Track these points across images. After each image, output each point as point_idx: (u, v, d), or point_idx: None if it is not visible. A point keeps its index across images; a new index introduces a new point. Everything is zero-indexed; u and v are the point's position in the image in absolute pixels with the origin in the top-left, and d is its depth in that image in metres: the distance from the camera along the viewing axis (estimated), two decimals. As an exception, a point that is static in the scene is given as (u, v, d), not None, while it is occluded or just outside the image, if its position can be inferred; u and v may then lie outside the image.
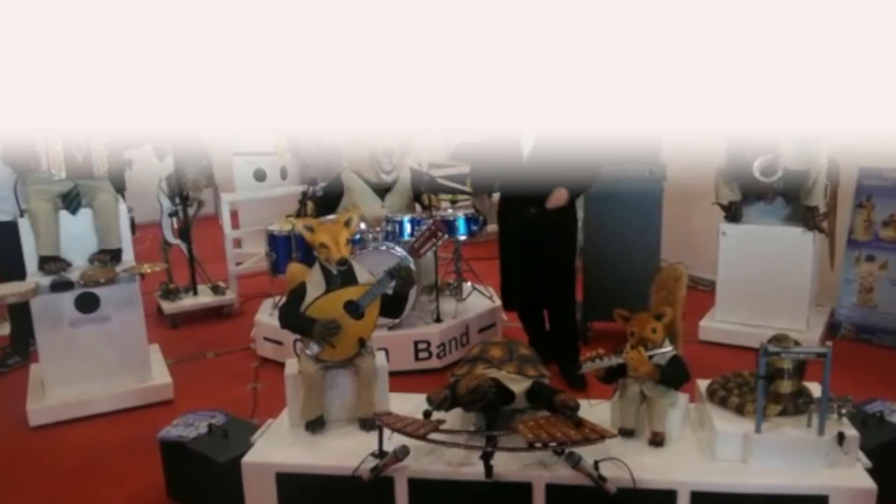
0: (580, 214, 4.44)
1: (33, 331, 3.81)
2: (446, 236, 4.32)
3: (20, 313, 4.47)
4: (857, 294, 4.63)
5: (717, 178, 4.50)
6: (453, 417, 2.66)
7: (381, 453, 2.42)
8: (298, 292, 2.77)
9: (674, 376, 2.57)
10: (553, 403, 2.53)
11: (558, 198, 3.80)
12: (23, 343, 4.59)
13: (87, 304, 3.81)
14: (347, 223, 2.79)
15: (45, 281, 3.67)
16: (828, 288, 4.76)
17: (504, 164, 3.90)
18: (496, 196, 4.17)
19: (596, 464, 2.31)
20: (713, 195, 4.56)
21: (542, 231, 3.86)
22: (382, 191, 4.54)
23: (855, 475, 2.35)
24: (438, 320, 4.37)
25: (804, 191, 4.26)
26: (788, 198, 4.38)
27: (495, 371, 2.62)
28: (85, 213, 3.85)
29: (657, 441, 2.53)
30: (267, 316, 4.59)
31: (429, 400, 2.57)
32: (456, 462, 2.45)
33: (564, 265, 3.98)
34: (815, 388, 2.56)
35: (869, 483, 2.32)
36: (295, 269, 2.99)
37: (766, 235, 4.41)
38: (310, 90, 5.69)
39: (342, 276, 2.76)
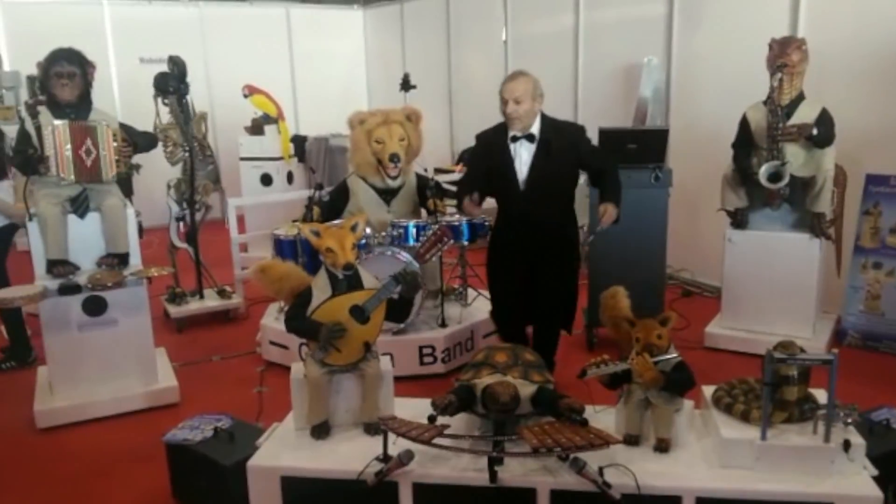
0: (585, 220, 4.44)
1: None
2: (451, 241, 4.34)
3: (12, 319, 4.52)
4: (864, 301, 4.61)
5: (723, 184, 4.49)
6: (458, 422, 2.66)
7: (385, 458, 2.43)
8: (304, 296, 2.78)
9: (679, 382, 2.56)
10: (558, 408, 2.53)
11: (609, 216, 3.53)
12: (19, 348, 4.61)
13: (95, 307, 3.84)
14: (353, 228, 2.80)
15: (53, 284, 3.69)
16: (834, 295, 4.74)
17: (499, 187, 3.65)
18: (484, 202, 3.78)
19: (601, 470, 2.31)
20: (719, 201, 4.56)
21: (541, 258, 3.62)
22: (388, 196, 4.55)
23: (861, 483, 2.34)
24: (443, 325, 4.38)
25: (811, 197, 4.26)
26: (795, 204, 4.37)
27: (500, 376, 2.62)
28: (93, 217, 3.87)
29: (662, 447, 2.53)
30: (273, 320, 4.60)
31: (433, 405, 2.57)
32: (460, 467, 2.45)
33: (565, 293, 3.77)
34: (821, 395, 2.56)
35: (875, 491, 2.31)
36: (272, 268, 2.96)
37: (772, 242, 4.40)
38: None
39: (348, 281, 2.77)
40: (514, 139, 3.55)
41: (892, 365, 4.35)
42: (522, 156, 3.56)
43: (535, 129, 3.55)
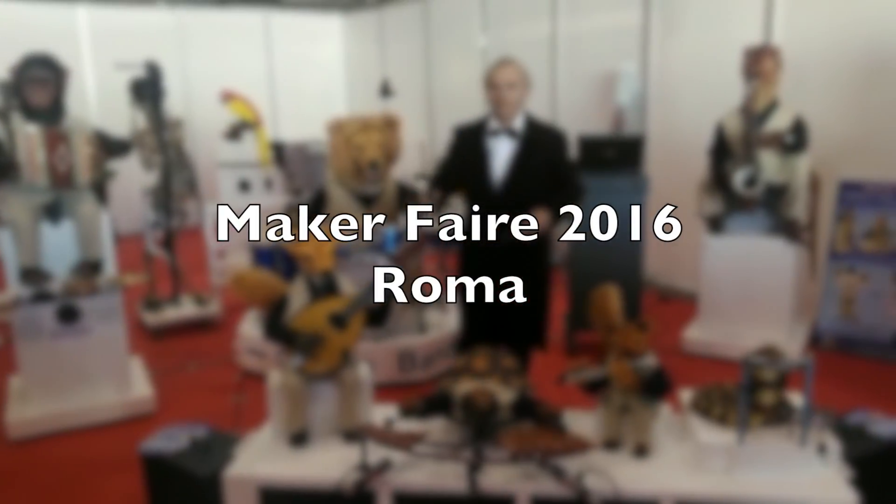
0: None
1: None
2: (431, 247, 4.34)
3: None
4: (838, 305, 4.67)
5: (700, 190, 4.54)
6: (437, 430, 2.65)
7: (364, 466, 2.41)
8: (282, 303, 2.76)
9: (657, 387, 2.57)
10: (537, 414, 2.53)
11: (542, 220, 3.17)
12: None
13: (69, 315, 3.78)
14: (331, 231, 2.79)
15: (26, 292, 3.63)
16: (809, 299, 4.80)
17: (471, 186, 3.31)
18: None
19: (580, 475, 2.31)
20: (696, 206, 4.60)
21: (510, 265, 3.31)
22: (366, 202, 4.53)
23: (836, 486, 2.37)
24: (423, 332, 4.36)
25: (785, 203, 4.31)
26: (771, 209, 4.42)
27: (479, 382, 2.62)
28: (67, 224, 3.82)
29: (641, 452, 2.54)
30: (250, 328, 4.56)
31: (401, 410, 2.60)
32: (440, 475, 2.44)
33: (537, 307, 3.46)
34: (797, 399, 2.58)
35: (850, 494, 2.33)
36: (248, 277, 2.89)
37: (747, 247, 4.45)
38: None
39: (326, 288, 2.76)
40: (494, 133, 3.26)
41: (866, 368, 4.41)
42: (500, 152, 3.26)
43: (518, 124, 3.27)
